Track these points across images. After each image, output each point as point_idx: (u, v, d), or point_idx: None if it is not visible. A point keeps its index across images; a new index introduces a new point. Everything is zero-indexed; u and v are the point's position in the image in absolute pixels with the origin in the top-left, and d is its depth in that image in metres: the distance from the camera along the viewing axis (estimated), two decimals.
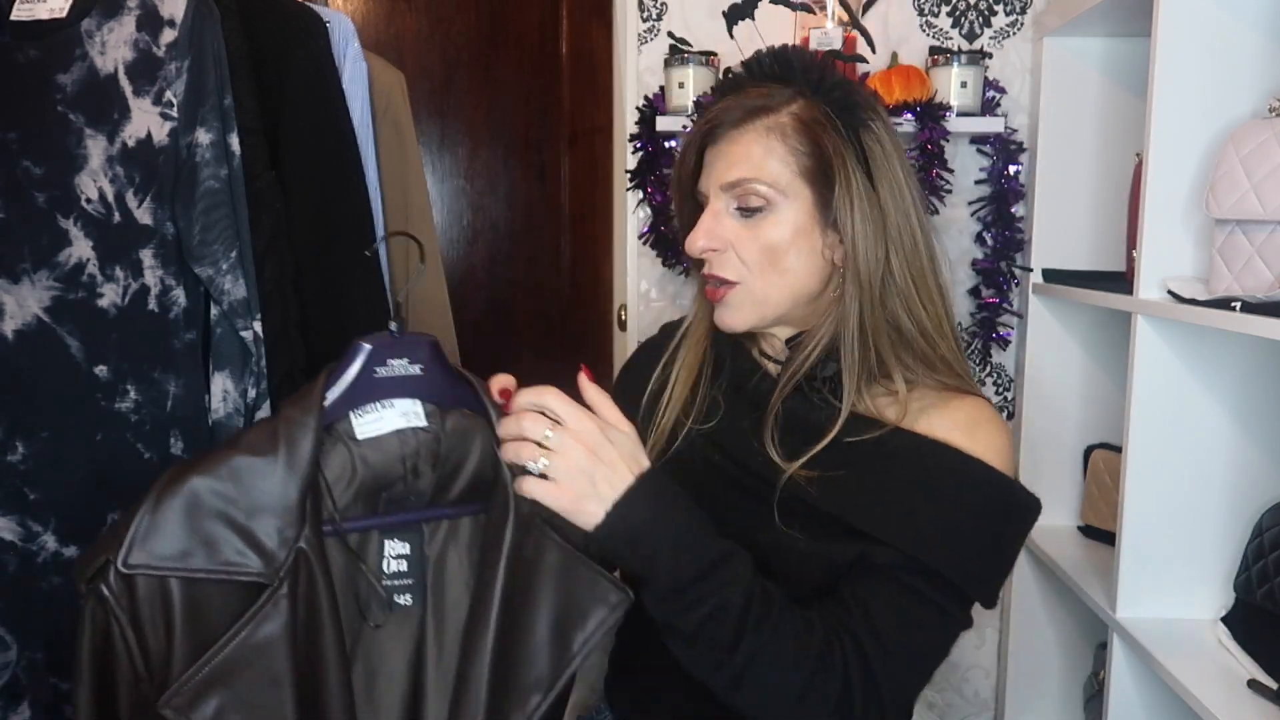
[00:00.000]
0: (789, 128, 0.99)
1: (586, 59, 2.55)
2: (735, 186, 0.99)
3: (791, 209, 0.99)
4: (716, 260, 1.02)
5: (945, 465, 0.96)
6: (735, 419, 1.05)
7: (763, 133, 0.99)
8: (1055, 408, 1.91)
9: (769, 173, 0.99)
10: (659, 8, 1.97)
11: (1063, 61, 1.86)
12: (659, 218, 1.90)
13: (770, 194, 0.99)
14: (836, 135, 0.98)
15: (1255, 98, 1.37)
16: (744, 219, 1.00)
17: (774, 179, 0.99)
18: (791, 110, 1.00)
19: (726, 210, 1.01)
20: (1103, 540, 1.77)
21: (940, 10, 1.96)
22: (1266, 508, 1.42)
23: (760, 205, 0.99)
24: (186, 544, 0.83)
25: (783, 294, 1.02)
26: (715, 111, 1.02)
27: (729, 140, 1.01)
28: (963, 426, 0.98)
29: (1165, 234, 1.42)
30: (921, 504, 0.94)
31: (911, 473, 0.96)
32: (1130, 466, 1.45)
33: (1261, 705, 1.24)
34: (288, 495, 0.85)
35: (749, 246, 1.00)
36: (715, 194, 1.01)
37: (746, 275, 1.01)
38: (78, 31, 1.27)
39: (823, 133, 0.98)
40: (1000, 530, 0.97)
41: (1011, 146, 1.89)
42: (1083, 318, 1.91)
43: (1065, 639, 1.96)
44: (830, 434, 0.97)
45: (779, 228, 0.99)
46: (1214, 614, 1.46)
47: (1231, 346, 1.42)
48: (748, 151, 0.99)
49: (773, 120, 0.99)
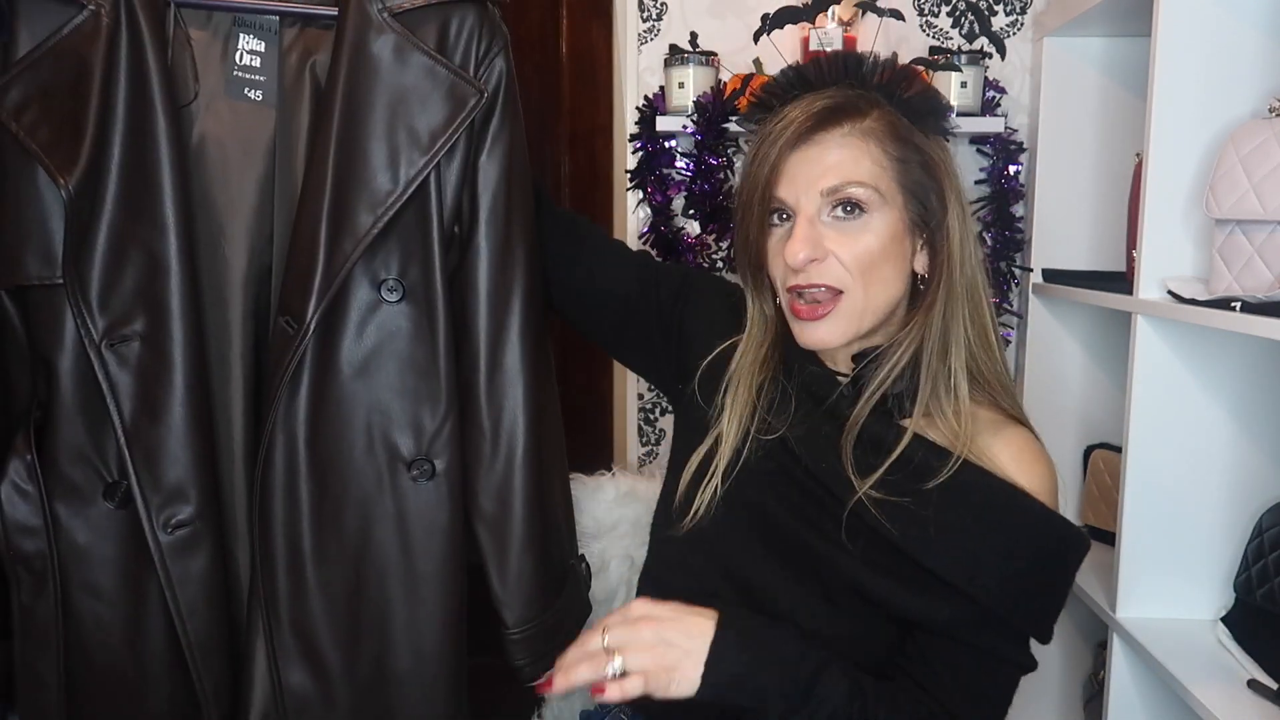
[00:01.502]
0: (880, 132, 0.96)
1: (586, 59, 2.55)
2: (835, 192, 0.96)
3: (888, 214, 0.97)
4: (817, 270, 0.97)
5: (1011, 506, 0.95)
6: (813, 428, 1.02)
7: (857, 136, 0.96)
8: (1055, 408, 1.91)
9: (869, 174, 0.96)
10: (659, 8, 1.97)
11: (1063, 61, 1.86)
12: (659, 218, 1.90)
13: (871, 198, 0.96)
14: (926, 141, 0.97)
15: (1255, 98, 1.37)
16: (841, 226, 0.97)
17: (875, 182, 0.96)
18: (877, 115, 0.97)
19: (820, 218, 0.97)
20: (1103, 540, 1.77)
21: (940, 10, 1.96)
22: (1266, 508, 1.42)
23: (861, 210, 0.96)
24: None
25: (879, 304, 0.99)
26: (798, 115, 0.98)
27: (817, 145, 0.97)
28: (1016, 459, 0.98)
29: (1165, 234, 1.41)
30: (989, 548, 0.94)
31: (979, 512, 0.95)
32: (1130, 466, 1.45)
33: (1261, 705, 1.24)
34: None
35: (849, 253, 0.96)
36: (807, 200, 0.97)
37: (850, 283, 0.97)
38: None
39: (912, 137, 0.97)
40: (1061, 574, 0.98)
41: (1011, 146, 1.89)
42: (1083, 318, 1.90)
43: (1065, 639, 1.95)
44: (895, 453, 0.97)
45: (877, 234, 0.96)
46: (1214, 614, 1.46)
47: (1231, 346, 1.42)
48: (842, 156, 0.96)
49: (861, 124, 0.96)
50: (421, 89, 0.98)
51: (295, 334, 0.96)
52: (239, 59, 1.01)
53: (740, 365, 1.07)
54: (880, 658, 0.99)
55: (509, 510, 1.06)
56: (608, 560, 1.29)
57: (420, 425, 1.02)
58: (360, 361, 1.00)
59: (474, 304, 1.04)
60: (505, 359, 1.05)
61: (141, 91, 0.94)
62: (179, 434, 0.97)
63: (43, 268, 0.93)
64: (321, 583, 1.02)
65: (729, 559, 1.03)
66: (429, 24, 0.99)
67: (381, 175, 0.97)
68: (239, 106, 1.01)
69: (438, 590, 1.04)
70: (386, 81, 0.97)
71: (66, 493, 0.97)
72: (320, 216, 0.96)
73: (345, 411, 1.00)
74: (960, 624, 0.94)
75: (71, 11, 0.92)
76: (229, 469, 1.04)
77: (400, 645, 1.04)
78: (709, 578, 1.04)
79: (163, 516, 0.97)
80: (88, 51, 0.92)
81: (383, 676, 1.05)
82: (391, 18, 0.97)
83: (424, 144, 0.98)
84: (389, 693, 1.06)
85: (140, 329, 0.95)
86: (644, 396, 2.05)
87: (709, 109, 1.79)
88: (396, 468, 1.02)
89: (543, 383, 1.10)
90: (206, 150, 1.00)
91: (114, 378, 0.94)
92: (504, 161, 1.03)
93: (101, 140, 0.92)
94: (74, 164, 0.90)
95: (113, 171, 0.93)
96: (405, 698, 1.06)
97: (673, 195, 1.90)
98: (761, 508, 1.03)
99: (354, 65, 0.97)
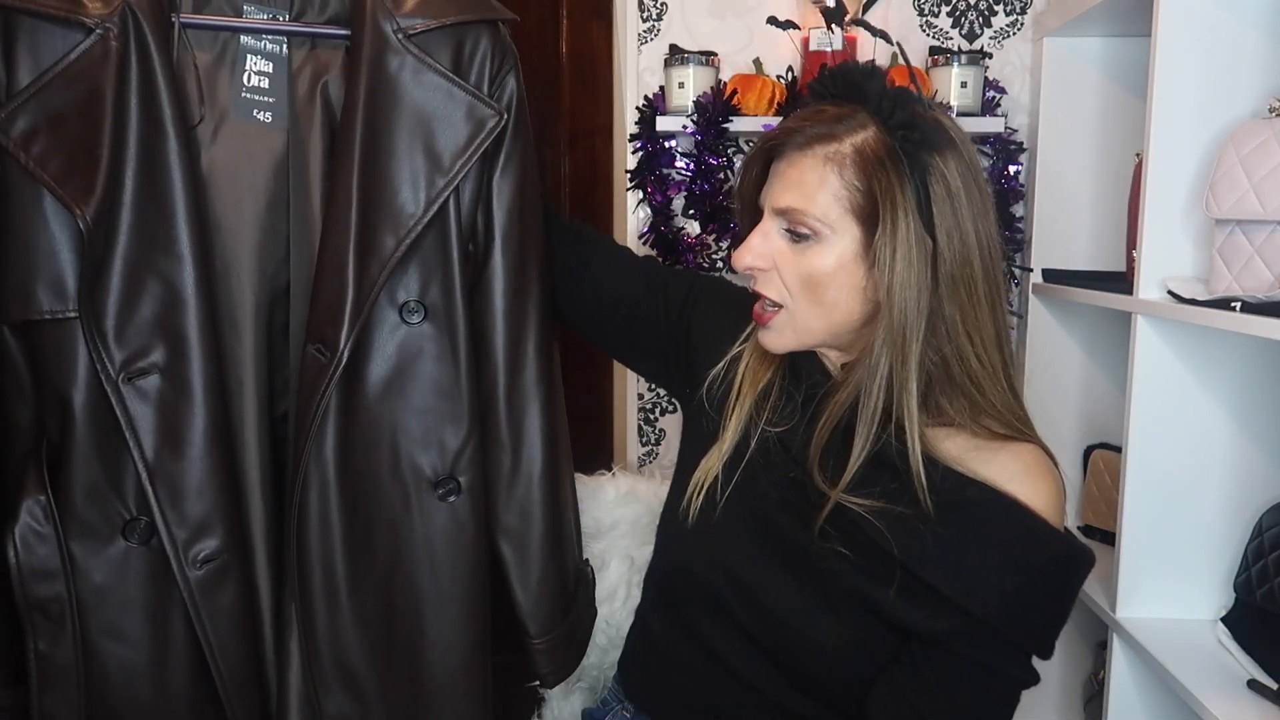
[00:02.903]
0: (847, 160, 0.95)
1: (586, 59, 2.55)
2: (785, 214, 0.98)
3: (838, 244, 0.96)
4: (762, 280, 1.01)
5: (1012, 522, 0.95)
6: (803, 426, 1.03)
7: (821, 161, 0.96)
8: (1055, 408, 1.91)
9: (819, 206, 0.96)
10: (659, 8, 1.97)
11: (1063, 61, 1.86)
12: (659, 218, 1.90)
13: (818, 227, 0.96)
14: (894, 175, 0.93)
15: (1255, 98, 1.37)
16: (793, 243, 0.98)
17: (823, 213, 0.96)
18: (855, 141, 0.95)
19: (777, 230, 0.99)
20: (1103, 540, 1.77)
21: (940, 10, 1.96)
22: (1266, 508, 1.42)
23: (807, 234, 0.97)
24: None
25: (822, 324, 1.00)
26: (783, 129, 1.00)
27: (789, 162, 0.98)
28: (1021, 474, 0.97)
29: (1165, 234, 1.41)
30: (988, 563, 0.94)
31: (979, 527, 0.95)
32: (1130, 466, 1.45)
33: (1261, 705, 1.24)
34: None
35: (792, 272, 0.98)
36: (769, 213, 1.00)
37: (789, 300, 0.99)
38: None
39: (878, 170, 0.93)
40: (1063, 591, 0.98)
41: (1011, 146, 1.89)
42: (1083, 318, 1.90)
43: (1065, 639, 1.93)
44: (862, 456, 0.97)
45: (822, 260, 0.97)
46: (1214, 614, 1.46)
47: (1231, 346, 1.42)
48: (802, 179, 0.97)
49: (833, 149, 0.96)
50: (441, 110, 0.97)
51: (329, 361, 0.95)
52: (247, 80, 0.99)
53: (747, 366, 1.08)
54: (880, 665, 0.99)
55: (531, 523, 1.07)
56: (608, 560, 1.29)
57: (444, 444, 1.01)
58: (384, 383, 0.99)
59: (490, 321, 1.03)
60: (523, 375, 1.05)
61: (153, 115, 0.91)
62: (203, 466, 0.95)
63: (54, 301, 0.90)
64: (356, 608, 1.01)
65: (731, 563, 1.03)
66: (443, 45, 0.99)
67: (404, 197, 0.96)
68: (248, 128, 1.00)
69: (465, 607, 1.04)
70: (406, 103, 0.96)
71: (83, 532, 0.94)
72: (347, 242, 0.95)
73: (371, 434, 1.00)
74: (957, 636, 0.94)
75: (78, 36, 0.89)
76: (250, 497, 1.02)
77: (433, 664, 1.04)
78: (712, 582, 1.04)
79: (191, 552, 0.94)
80: (98, 76, 0.89)
81: (417, 696, 1.05)
82: (407, 39, 0.96)
83: (445, 165, 0.97)
84: (423, 711, 1.05)
85: (159, 361, 0.93)
86: (644, 396, 2.05)
87: (709, 109, 1.79)
88: (422, 488, 1.01)
89: (557, 395, 1.10)
90: (216, 173, 0.99)
91: (133, 412, 0.92)
92: (517, 179, 1.03)
93: (115, 168, 0.90)
94: (90, 194, 0.88)
95: (127, 199, 0.91)
96: (439, 715, 1.05)
97: (673, 195, 1.90)
98: (764, 512, 1.03)
99: (373, 87, 0.95)
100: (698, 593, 1.06)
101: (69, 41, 0.89)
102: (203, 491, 0.95)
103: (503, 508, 1.06)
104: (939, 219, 0.94)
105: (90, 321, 0.90)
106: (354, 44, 0.97)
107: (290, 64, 1.00)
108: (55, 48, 0.90)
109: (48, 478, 0.93)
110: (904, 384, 0.95)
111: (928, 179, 0.93)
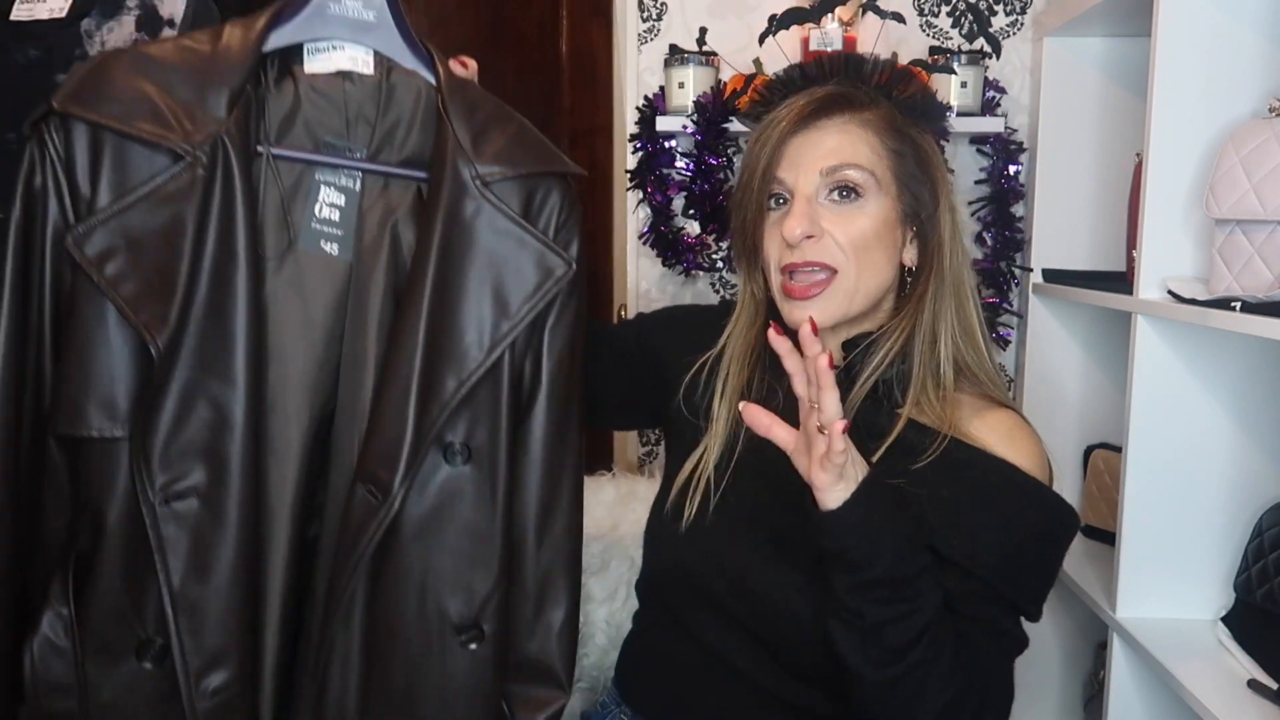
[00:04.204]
0: (877, 124, 1.00)
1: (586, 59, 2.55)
2: (833, 172, 0.98)
3: (882, 202, 1.00)
4: (813, 247, 0.99)
5: (1005, 482, 0.97)
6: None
7: (856, 125, 1.00)
8: (1055, 408, 1.91)
9: (866, 161, 0.99)
10: (659, 8, 1.97)
11: (1063, 61, 1.86)
12: (659, 218, 1.90)
13: (867, 183, 0.99)
14: (920, 139, 1.01)
15: (1255, 98, 1.37)
16: (838, 208, 0.99)
17: (871, 168, 0.99)
18: (877, 109, 1.01)
19: (818, 198, 1.00)
20: (1103, 540, 1.77)
21: (940, 10, 1.96)
22: (1266, 508, 1.42)
23: (857, 194, 0.99)
24: (118, 104, 0.88)
25: (870, 288, 1.01)
26: (800, 101, 1.01)
27: (818, 129, 1.00)
28: (1006, 437, 1.00)
29: (1165, 234, 1.41)
30: (986, 524, 0.95)
31: (974, 489, 0.96)
32: (1130, 466, 1.45)
33: (1261, 705, 1.24)
34: (217, 93, 0.90)
35: (843, 233, 0.99)
36: (806, 181, 1.00)
37: (844, 263, 0.99)
38: (77, 31, 1.27)
39: (907, 133, 1.00)
40: (1054, 550, 0.99)
41: (1011, 146, 1.89)
42: (1083, 318, 1.90)
43: (1065, 639, 1.96)
44: (891, 437, 0.98)
45: (871, 219, 0.99)
46: (1214, 614, 1.46)
47: (1231, 346, 1.42)
48: (841, 141, 0.99)
49: (860, 115, 1.00)
50: (512, 256, 0.96)
51: (380, 504, 0.93)
52: (319, 211, 0.98)
53: (732, 351, 1.09)
54: None
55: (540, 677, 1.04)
56: (608, 560, 1.29)
57: (473, 589, 0.99)
58: (421, 524, 0.97)
59: (528, 467, 1.01)
60: (555, 525, 1.03)
61: (229, 245, 0.90)
62: (227, 595, 0.92)
63: (104, 420, 0.89)
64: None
65: (724, 558, 1.03)
66: (516, 192, 0.98)
67: (469, 340, 0.95)
68: (314, 258, 0.98)
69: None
70: (479, 248, 0.95)
71: (98, 649, 0.92)
72: (410, 385, 0.93)
73: (404, 574, 0.97)
74: (963, 598, 0.94)
75: (166, 161, 0.88)
76: (267, 624, 0.99)
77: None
78: (706, 579, 1.04)
79: (203, 683, 0.92)
80: (183, 204, 0.88)
81: None
82: (485, 186, 0.96)
83: (511, 310, 0.96)
84: None
85: (199, 484, 0.91)
86: None
87: (709, 109, 1.79)
88: (446, 632, 0.98)
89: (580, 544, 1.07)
90: (278, 300, 0.97)
91: (166, 534, 0.90)
92: (570, 331, 1.02)
93: (188, 297, 0.89)
94: (164, 324, 0.87)
95: (192, 326, 0.89)
96: None
97: (673, 195, 1.90)
98: (755, 502, 1.03)
99: (448, 231, 0.94)
100: (693, 592, 1.05)
101: (156, 165, 0.89)
102: (223, 622, 0.92)
103: (515, 654, 1.03)
104: (943, 180, 1.03)
105: (139, 443, 0.89)
106: (432, 187, 0.97)
107: (362, 198, 1.00)
108: (141, 169, 0.89)
109: (72, 591, 0.91)
110: (945, 338, 1.01)
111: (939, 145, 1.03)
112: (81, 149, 0.88)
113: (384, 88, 0.98)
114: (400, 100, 0.99)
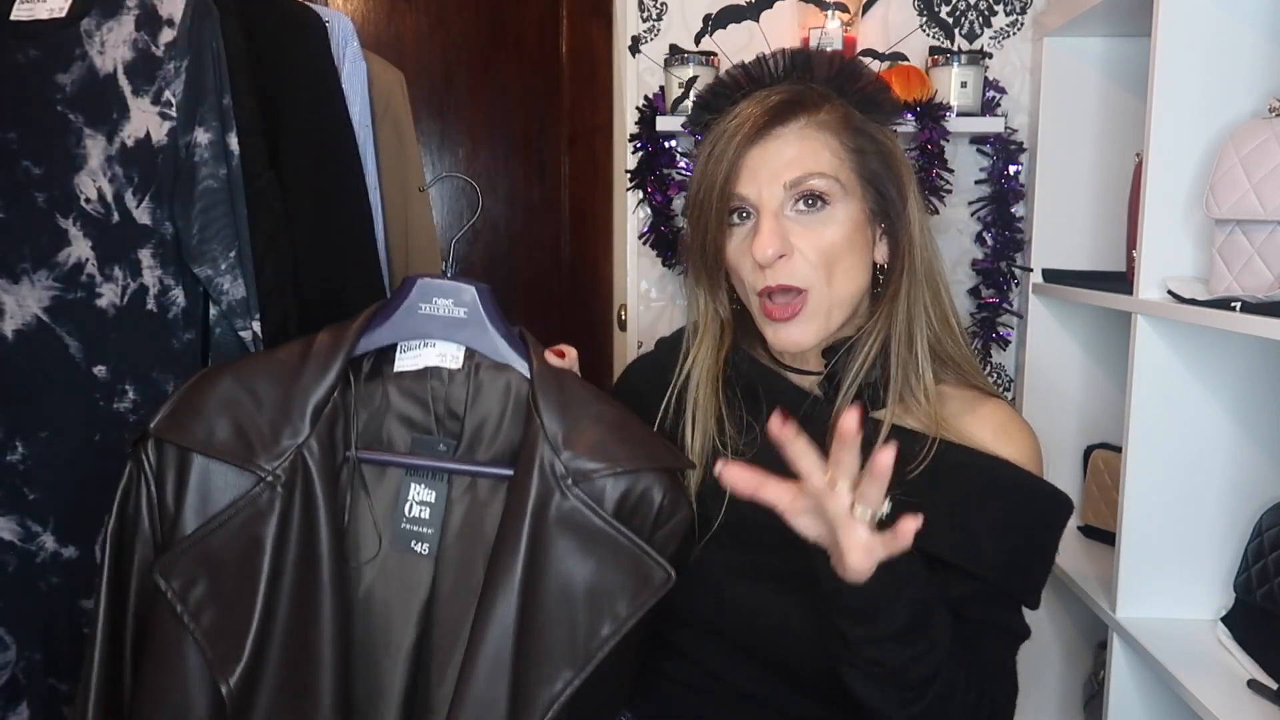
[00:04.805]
0: (835, 124, 0.96)
1: (586, 59, 2.55)
2: (799, 183, 0.95)
3: (849, 206, 0.97)
4: (784, 267, 0.96)
5: (1000, 481, 0.96)
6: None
7: (814, 129, 0.96)
8: (1055, 408, 1.91)
9: (829, 168, 0.95)
10: (659, 8, 1.97)
11: (1063, 61, 1.86)
12: (659, 218, 1.90)
13: (833, 187, 0.95)
14: (879, 134, 0.98)
15: (1255, 98, 1.37)
16: (805, 220, 0.96)
17: (835, 173, 0.95)
18: (830, 109, 0.97)
19: (784, 212, 0.96)
20: (1103, 540, 1.77)
21: (940, 10, 1.96)
22: (1266, 508, 1.42)
23: (824, 202, 0.95)
24: (204, 426, 0.90)
25: (844, 296, 0.98)
26: (753, 111, 0.96)
27: (775, 139, 0.96)
28: (999, 432, 0.99)
29: (1165, 234, 1.41)
30: (986, 526, 0.94)
31: (970, 491, 0.95)
32: (1130, 466, 1.45)
33: (1261, 705, 1.24)
34: (301, 406, 0.91)
35: (812, 247, 0.96)
36: (770, 195, 0.96)
37: (815, 281, 0.96)
38: (77, 31, 1.28)
39: (864, 130, 0.97)
40: (1050, 538, 0.99)
41: (1011, 146, 1.89)
42: (1083, 318, 1.90)
43: (1065, 639, 1.95)
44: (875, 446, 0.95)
45: (840, 226, 0.96)
46: (1214, 614, 1.46)
47: (1231, 346, 1.42)
48: (801, 149, 0.95)
49: (816, 117, 0.96)
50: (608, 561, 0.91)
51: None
52: (409, 510, 0.97)
53: (698, 376, 1.04)
54: None
55: None
56: None
57: None
58: None
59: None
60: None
61: (311, 564, 0.89)
62: None
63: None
64: None
65: (721, 589, 1.00)
66: (611, 490, 0.93)
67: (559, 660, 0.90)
68: (404, 560, 0.96)
69: None
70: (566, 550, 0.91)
71: None
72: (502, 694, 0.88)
73: None
74: (967, 602, 0.94)
75: (247, 482, 0.89)
76: None
77: None
78: (707, 615, 1.01)
79: None
80: (261, 526, 0.89)
81: None
82: (574, 484, 0.91)
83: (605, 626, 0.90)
84: None
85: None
86: None
87: None
88: None
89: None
90: (371, 606, 0.96)
91: None
92: None
93: (265, 623, 0.88)
94: (236, 662, 0.86)
95: (274, 655, 0.88)
96: None
97: (673, 195, 1.89)
98: (740, 528, 1.00)
99: (535, 532, 0.90)
100: (691, 626, 1.03)
101: (238, 485, 0.90)
102: None
103: None
104: (907, 172, 1.01)
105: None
106: (519, 485, 0.92)
107: (450, 490, 0.97)
108: (225, 490, 0.91)
109: None
110: (922, 332, 0.99)
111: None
112: (171, 468, 0.91)
113: (472, 382, 0.97)
114: (488, 394, 0.97)
